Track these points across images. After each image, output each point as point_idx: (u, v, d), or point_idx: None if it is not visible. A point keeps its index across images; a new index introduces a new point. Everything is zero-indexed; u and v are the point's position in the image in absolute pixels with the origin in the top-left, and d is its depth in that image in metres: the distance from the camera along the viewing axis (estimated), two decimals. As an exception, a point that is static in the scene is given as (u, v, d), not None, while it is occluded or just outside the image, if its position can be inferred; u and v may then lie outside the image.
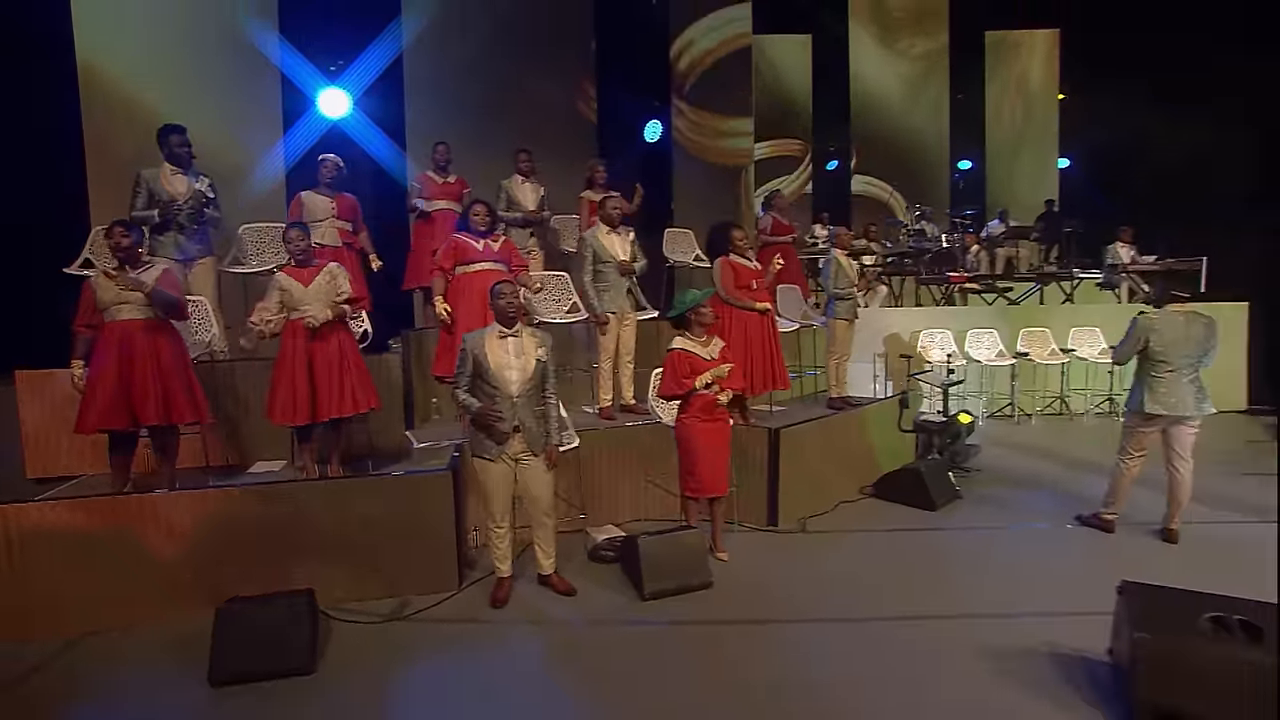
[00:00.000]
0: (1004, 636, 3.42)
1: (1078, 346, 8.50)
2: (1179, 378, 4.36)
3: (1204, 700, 2.56)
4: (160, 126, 4.78)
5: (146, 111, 5.63)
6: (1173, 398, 4.40)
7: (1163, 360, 4.38)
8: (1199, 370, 4.44)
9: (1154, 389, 4.41)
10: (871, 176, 13.44)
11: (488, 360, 3.65)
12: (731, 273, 5.30)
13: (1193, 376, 4.41)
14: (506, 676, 3.22)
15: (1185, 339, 4.39)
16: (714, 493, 4.37)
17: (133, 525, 3.62)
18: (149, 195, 4.74)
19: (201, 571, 3.65)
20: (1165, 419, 4.42)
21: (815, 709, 2.91)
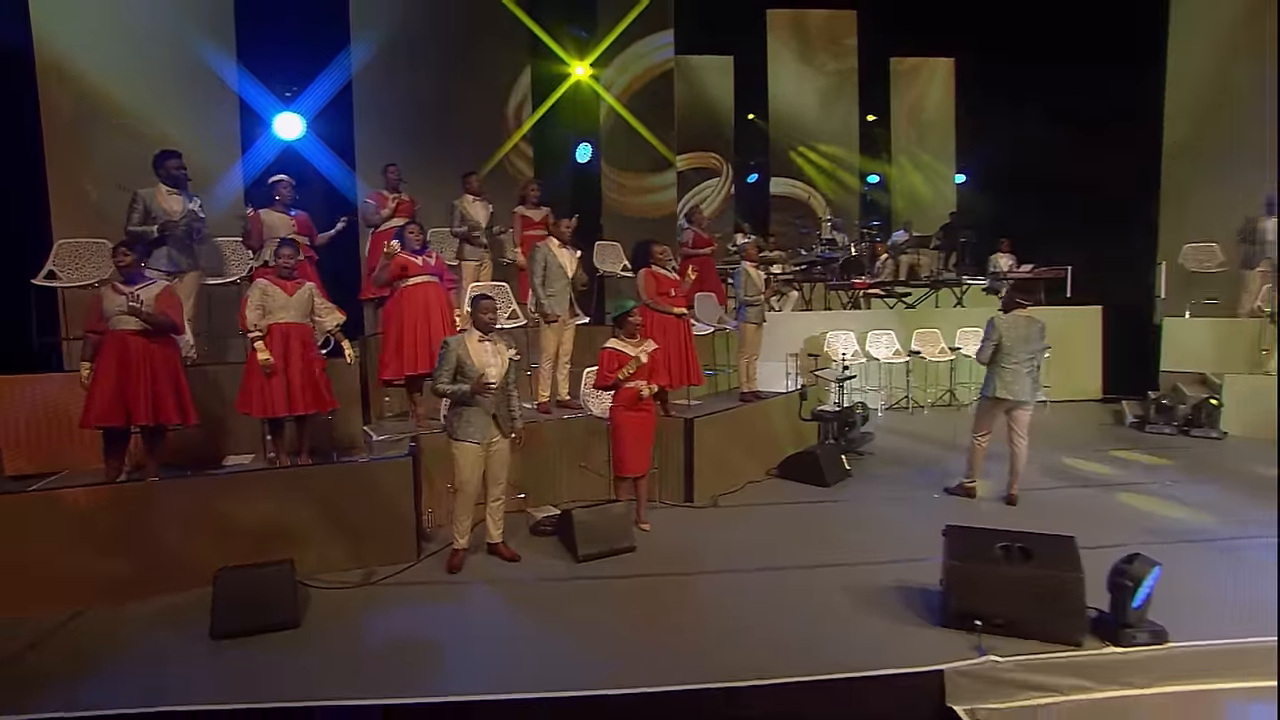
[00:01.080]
0: (869, 578, 4.28)
1: (964, 345, 9.60)
2: (1020, 369, 5.35)
3: (994, 603, 3.45)
4: (158, 152, 5.24)
5: (108, 129, 6.02)
6: (1016, 385, 5.39)
7: (1009, 354, 5.36)
8: (1036, 363, 5.44)
9: (1002, 378, 5.39)
10: (792, 178, 14.48)
11: (471, 360, 4.32)
12: (653, 282, 6.09)
13: (1030, 369, 5.40)
14: (467, 623, 3.89)
15: (1026, 337, 5.39)
16: (637, 472, 5.12)
17: (132, 510, 4.12)
18: (145, 212, 5.18)
19: (190, 550, 4.17)
20: (1009, 402, 5.41)
21: (724, 634, 3.68)
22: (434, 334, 5.09)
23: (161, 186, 5.27)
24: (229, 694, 3.20)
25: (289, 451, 4.85)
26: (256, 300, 4.63)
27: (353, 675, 3.36)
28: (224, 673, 3.41)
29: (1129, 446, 7.46)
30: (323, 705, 3.18)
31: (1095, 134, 11.04)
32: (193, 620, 3.78)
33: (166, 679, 3.34)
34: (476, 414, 4.39)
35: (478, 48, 7.54)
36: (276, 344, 4.61)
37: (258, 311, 4.63)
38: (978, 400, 5.83)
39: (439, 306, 5.25)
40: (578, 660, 3.46)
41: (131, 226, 5.18)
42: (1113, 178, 10.96)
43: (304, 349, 4.71)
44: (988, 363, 5.54)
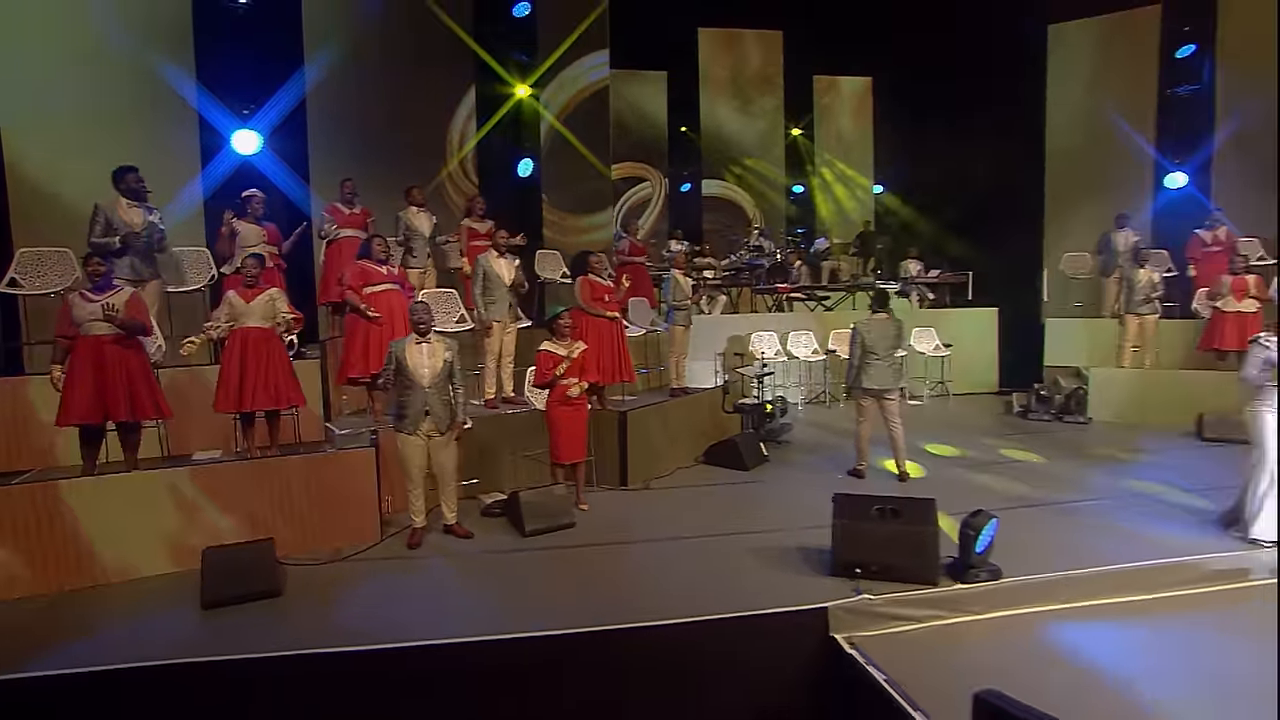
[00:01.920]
0: (776, 542, 5.03)
1: (901, 346, 10.55)
2: (883, 364, 6.21)
3: (869, 553, 4.25)
4: (116, 167, 5.58)
5: (69, 144, 6.34)
6: (879, 377, 6.25)
7: (872, 352, 6.22)
8: (896, 358, 6.29)
9: (868, 372, 6.25)
10: (724, 181, 15.33)
11: (407, 361, 4.89)
12: (589, 288, 6.75)
13: (891, 362, 6.25)
14: (428, 587, 4.48)
15: (884, 337, 6.25)
16: (573, 459, 5.77)
17: (120, 498, 4.56)
18: (107, 224, 5.54)
19: (175, 534, 4.64)
20: (875, 392, 6.27)
21: (649, 587, 4.37)
22: (395, 337, 5.61)
23: (122, 200, 5.62)
24: (224, 649, 3.72)
25: (259, 445, 5.32)
26: (225, 312, 5.12)
27: (330, 631, 3.92)
28: (219, 633, 3.93)
29: (1012, 432, 8.47)
30: (306, 653, 3.73)
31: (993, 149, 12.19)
32: (182, 594, 4.27)
33: (166, 640, 3.83)
34: (412, 409, 4.96)
35: (425, 69, 8.05)
36: (239, 347, 5.09)
37: (223, 318, 5.12)
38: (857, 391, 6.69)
39: (400, 312, 5.78)
40: (523, 610, 4.10)
41: (94, 239, 5.53)
42: (1008, 190, 12.15)
43: (269, 350, 5.19)
44: (856, 363, 6.38)
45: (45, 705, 3.46)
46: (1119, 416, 8.72)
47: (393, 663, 3.71)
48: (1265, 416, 4.74)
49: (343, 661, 3.71)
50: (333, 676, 3.69)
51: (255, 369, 5.07)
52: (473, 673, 3.76)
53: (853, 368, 6.31)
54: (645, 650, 3.88)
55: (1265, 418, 4.74)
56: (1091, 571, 4.40)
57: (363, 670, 3.69)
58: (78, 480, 4.57)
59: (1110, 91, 11.03)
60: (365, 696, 3.68)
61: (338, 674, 3.69)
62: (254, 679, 3.63)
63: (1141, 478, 6.37)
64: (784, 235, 14.31)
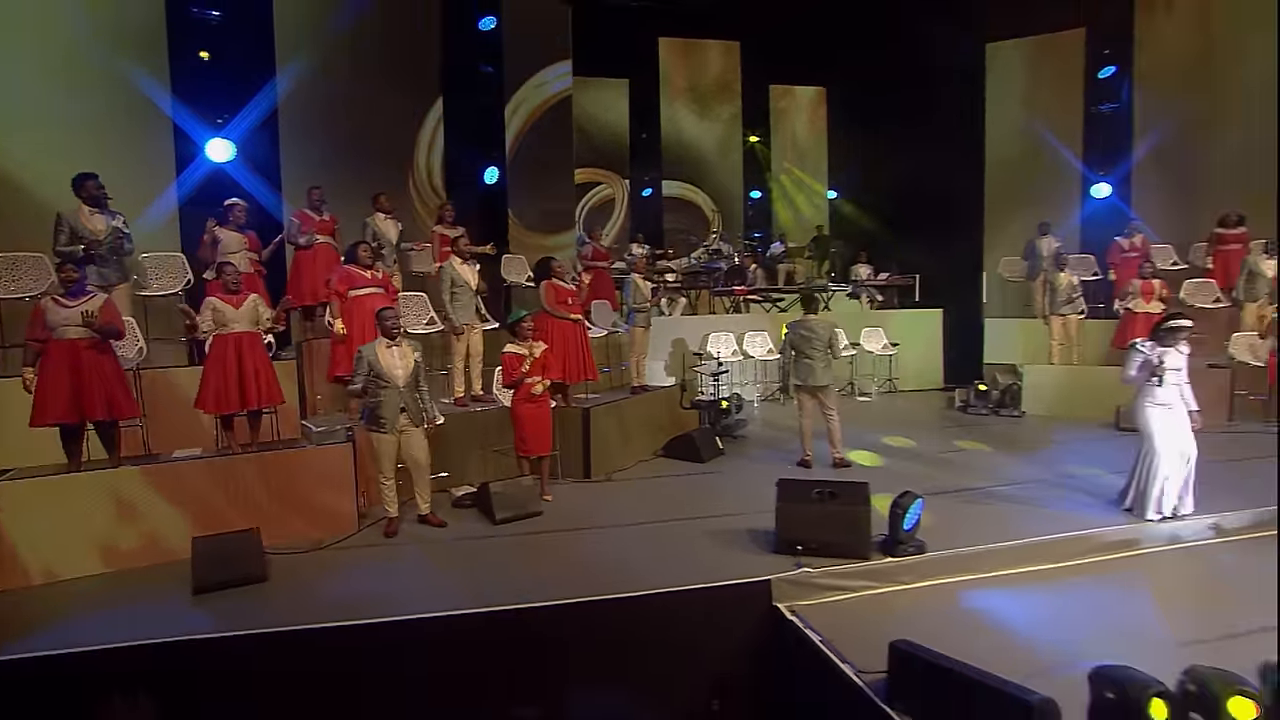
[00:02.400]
0: (727, 525, 5.48)
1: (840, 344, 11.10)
2: (813, 363, 6.72)
3: (809, 532, 4.72)
4: (75, 175, 5.76)
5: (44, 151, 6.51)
6: (809, 374, 6.76)
7: (802, 351, 6.74)
8: (828, 356, 6.78)
9: (799, 370, 6.77)
10: (683, 181, 15.80)
11: (380, 364, 5.22)
12: (553, 292, 7.13)
13: (823, 360, 6.74)
14: (405, 571, 4.83)
15: (813, 337, 6.74)
16: (538, 453, 6.14)
17: (111, 492, 4.81)
18: (71, 232, 5.74)
19: (164, 526, 4.91)
20: (807, 387, 6.77)
21: (609, 566, 4.78)
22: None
23: (84, 207, 5.79)
24: (216, 629, 4.03)
25: (241, 443, 5.59)
26: (208, 316, 5.38)
27: (315, 609, 4.25)
28: (211, 614, 4.23)
29: (952, 426, 9.07)
30: (293, 629, 4.06)
31: (937, 158, 12.84)
32: (173, 582, 4.55)
33: (162, 621, 4.12)
34: (388, 409, 5.30)
35: (394, 80, 8.34)
36: (230, 350, 5.36)
37: (209, 323, 5.38)
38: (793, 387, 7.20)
39: (383, 314, 6.08)
40: (494, 589, 4.46)
41: (59, 247, 5.71)
42: (951, 197, 12.80)
43: (254, 352, 5.47)
44: (791, 360, 6.89)
45: (60, 679, 3.73)
46: (1049, 410, 9.37)
47: (373, 636, 4.06)
48: (1149, 411, 5.28)
49: (327, 636, 4.05)
50: (318, 650, 4.02)
51: (242, 371, 5.34)
52: (447, 644, 4.13)
53: (784, 367, 6.80)
54: (606, 621, 4.29)
55: (1149, 412, 5.28)
56: (1005, 545, 4.94)
57: (346, 644, 4.03)
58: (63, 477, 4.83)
59: (1041, 107, 11.78)
60: (348, 668, 4.02)
61: (322, 648, 4.03)
62: (245, 654, 3.95)
63: (1060, 463, 6.98)
64: (741, 239, 14.83)
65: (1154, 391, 5.28)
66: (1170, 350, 5.28)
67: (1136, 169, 11.25)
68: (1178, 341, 5.33)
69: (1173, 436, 5.24)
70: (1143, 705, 2.71)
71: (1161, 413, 5.27)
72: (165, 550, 4.88)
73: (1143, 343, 5.41)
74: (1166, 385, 5.25)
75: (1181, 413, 5.29)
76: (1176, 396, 5.29)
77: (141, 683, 3.81)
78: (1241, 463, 6.81)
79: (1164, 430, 5.26)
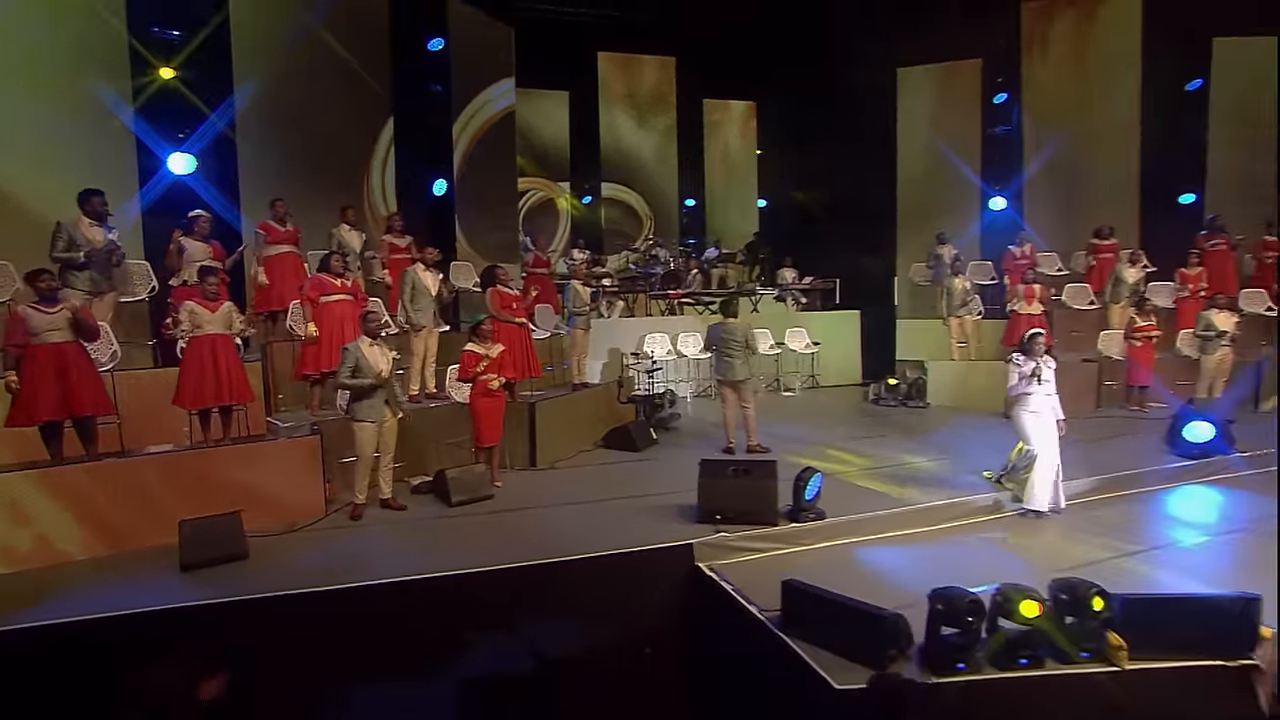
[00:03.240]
0: (657, 503, 6.24)
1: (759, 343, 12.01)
2: (733, 359, 7.55)
3: (726, 503, 5.53)
4: (82, 190, 6.16)
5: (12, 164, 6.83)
6: (729, 369, 7.58)
7: (724, 348, 7.56)
8: (745, 354, 7.60)
9: (720, 366, 7.61)
10: (617, 184, 16.55)
11: (365, 360, 5.80)
12: (498, 298, 7.78)
13: (741, 357, 7.57)
14: (371, 546, 5.44)
15: (731, 338, 7.57)
16: (490, 443, 6.80)
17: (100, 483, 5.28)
18: (69, 240, 6.13)
19: (148, 512, 5.38)
20: (728, 381, 7.61)
21: (553, 537, 5.49)
22: (347, 340, 6.43)
23: (83, 218, 6.22)
24: (206, 597, 4.59)
25: (214, 438, 6.08)
26: (185, 319, 5.86)
27: (293, 579, 4.83)
28: (201, 585, 4.77)
29: (865, 417, 10.08)
30: (277, 595, 4.64)
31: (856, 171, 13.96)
32: (161, 561, 5.06)
33: (158, 592, 4.65)
34: (376, 401, 5.90)
35: (347, 97, 8.83)
36: (205, 351, 5.85)
37: (187, 325, 5.87)
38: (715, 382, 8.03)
39: (352, 319, 6.62)
40: (451, 558, 5.12)
41: (56, 253, 6.12)
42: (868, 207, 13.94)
43: (227, 353, 5.97)
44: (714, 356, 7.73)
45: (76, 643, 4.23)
46: (950, 401, 10.47)
47: (348, 598, 4.68)
48: (1023, 417, 6.05)
49: (307, 601, 4.65)
50: (299, 613, 4.60)
51: (217, 371, 5.85)
52: (413, 603, 4.77)
53: (712, 362, 7.61)
54: (552, 581, 5.00)
55: (1023, 418, 6.05)
56: (891, 511, 5.86)
57: (323, 608, 4.63)
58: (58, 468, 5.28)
59: (945, 128, 12.98)
60: (326, 628, 4.61)
61: (303, 612, 4.61)
62: (233, 619, 4.51)
63: (950, 446, 7.99)
64: (677, 245, 15.67)
65: (1028, 400, 6.02)
66: (1043, 362, 6.04)
67: (1027, 185, 12.53)
68: (1038, 351, 6.10)
69: (1046, 439, 5.97)
70: (960, 612, 3.58)
71: (1034, 419, 6.01)
72: (148, 534, 5.35)
73: (1017, 356, 6.21)
74: (1040, 395, 5.98)
75: (1051, 420, 6.01)
76: (1048, 406, 6.03)
77: (140, 648, 4.33)
78: (1099, 441, 7.98)
79: (1037, 433, 5.99)
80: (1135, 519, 6.17)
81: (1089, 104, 12.02)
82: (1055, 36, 12.42)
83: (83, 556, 5.18)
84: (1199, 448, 7.22)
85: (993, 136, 12.78)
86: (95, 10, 7.05)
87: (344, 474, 6.31)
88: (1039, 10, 12.45)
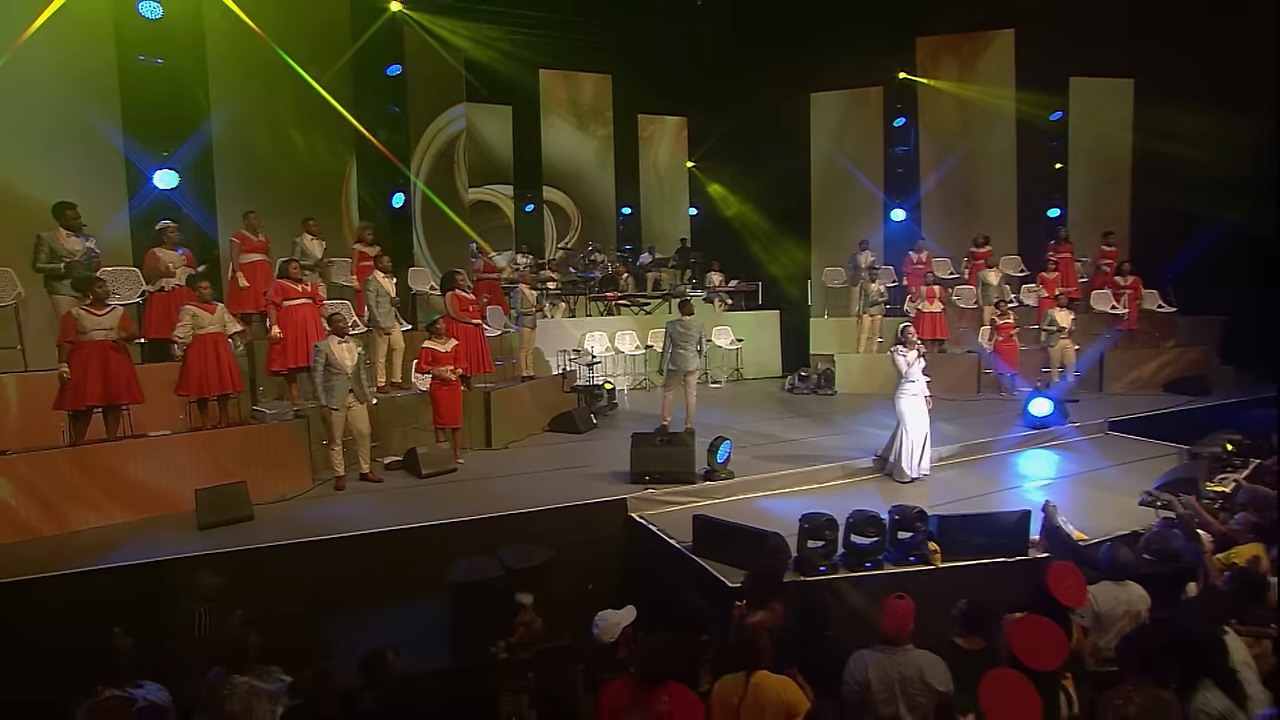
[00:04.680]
0: (599, 470, 7.43)
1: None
2: (686, 352, 8.80)
3: (654, 465, 6.77)
4: (56, 203, 6.93)
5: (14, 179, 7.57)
6: (684, 361, 8.82)
7: (678, 342, 8.81)
8: (697, 348, 8.88)
9: (675, 358, 8.84)
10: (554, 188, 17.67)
11: (334, 356, 6.81)
12: (457, 301, 8.84)
13: (693, 351, 8.84)
14: (356, 509, 6.48)
15: (687, 334, 8.82)
16: (452, 425, 7.88)
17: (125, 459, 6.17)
18: (50, 252, 6.91)
19: (163, 484, 6.29)
20: (679, 372, 8.87)
21: (507, 497, 6.63)
22: (309, 339, 7.39)
23: (61, 230, 7.00)
24: (222, 547, 5.57)
25: (211, 423, 6.98)
26: (187, 321, 6.76)
27: (292, 531, 5.85)
28: (217, 539, 5.74)
29: (780, 404, 11.49)
30: (283, 544, 5.65)
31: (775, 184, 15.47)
32: (181, 523, 6.00)
33: (183, 544, 5.60)
34: (340, 390, 6.91)
35: (314, 118, 9.72)
36: (207, 347, 6.76)
37: (187, 328, 6.76)
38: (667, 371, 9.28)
39: (313, 320, 7.59)
40: (422, 513, 6.22)
41: (40, 264, 6.90)
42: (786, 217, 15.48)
43: (225, 349, 6.90)
44: (667, 354, 8.94)
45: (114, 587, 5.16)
46: (855, 389, 11.96)
47: (338, 546, 5.73)
48: (901, 401, 7.36)
49: (304, 548, 5.68)
50: (298, 558, 5.63)
51: (219, 364, 6.77)
52: (392, 550, 5.84)
53: (666, 353, 8.80)
54: (510, 530, 6.12)
55: (901, 401, 7.36)
56: (788, 471, 7.20)
57: (318, 555, 5.67)
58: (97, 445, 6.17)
59: (851, 146, 14.59)
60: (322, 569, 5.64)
61: (301, 557, 5.64)
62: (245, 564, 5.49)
63: (848, 425, 9.44)
64: (614, 250, 16.87)
65: (905, 385, 7.38)
66: (915, 353, 7.42)
67: (924, 198, 14.22)
68: (912, 342, 7.51)
69: (918, 417, 7.34)
70: (820, 528, 4.90)
71: (910, 400, 7.35)
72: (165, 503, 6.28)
73: (899, 348, 7.57)
74: (914, 380, 7.34)
75: (922, 400, 7.35)
76: (920, 389, 7.37)
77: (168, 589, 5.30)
78: (970, 418, 9.54)
79: (911, 412, 7.33)
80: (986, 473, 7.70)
81: (975, 129, 13.79)
82: (945, 70, 14.14)
83: (115, 521, 6.08)
84: (1040, 420, 8.83)
85: (894, 155, 14.45)
86: (91, 41, 7.83)
87: (323, 453, 7.29)
88: (932, 47, 14.15)
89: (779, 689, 3.42)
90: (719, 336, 13.52)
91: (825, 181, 15.04)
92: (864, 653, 3.61)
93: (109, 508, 6.10)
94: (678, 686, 3.27)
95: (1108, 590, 4.19)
